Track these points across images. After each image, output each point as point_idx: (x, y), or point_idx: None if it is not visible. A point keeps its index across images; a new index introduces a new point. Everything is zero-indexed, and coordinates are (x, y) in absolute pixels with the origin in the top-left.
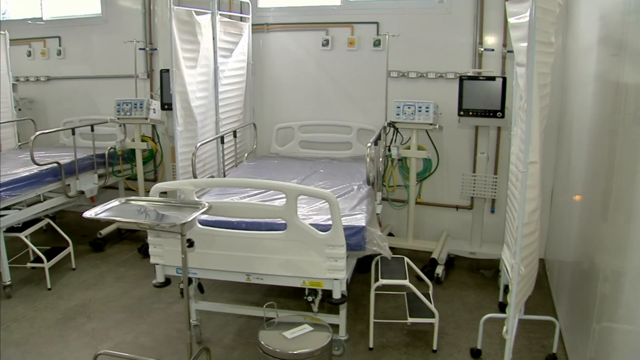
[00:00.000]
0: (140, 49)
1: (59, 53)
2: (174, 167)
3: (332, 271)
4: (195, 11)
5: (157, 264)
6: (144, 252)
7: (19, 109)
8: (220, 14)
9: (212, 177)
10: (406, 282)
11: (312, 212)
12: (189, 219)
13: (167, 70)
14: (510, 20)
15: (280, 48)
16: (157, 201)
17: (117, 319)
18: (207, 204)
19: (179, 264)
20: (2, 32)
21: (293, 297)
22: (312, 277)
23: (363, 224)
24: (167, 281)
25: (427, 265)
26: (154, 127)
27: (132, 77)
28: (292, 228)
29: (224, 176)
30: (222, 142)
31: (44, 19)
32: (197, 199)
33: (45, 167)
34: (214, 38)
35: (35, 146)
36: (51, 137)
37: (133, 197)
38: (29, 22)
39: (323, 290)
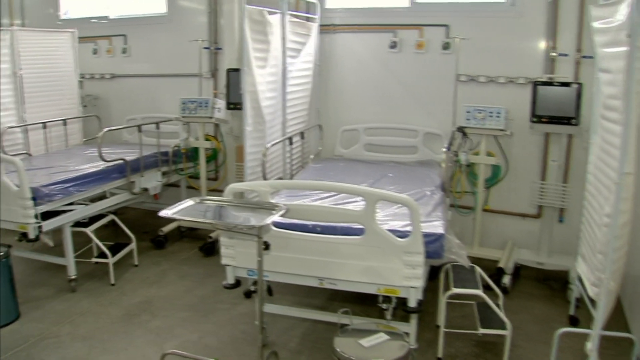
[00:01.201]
0: (204, 48)
1: (124, 51)
2: (238, 167)
3: (409, 279)
4: (267, 11)
5: (228, 265)
6: (206, 250)
7: (84, 106)
8: (289, 14)
9: (280, 178)
10: (480, 292)
11: (387, 218)
12: (268, 222)
13: (235, 70)
14: (595, 24)
15: (347, 49)
16: (231, 202)
17: (182, 317)
18: (284, 207)
19: (251, 266)
20: (71, 30)
21: (358, 302)
22: (388, 285)
23: (441, 231)
24: (238, 283)
25: (494, 274)
26: (216, 126)
27: (195, 76)
28: (370, 233)
29: (291, 178)
30: (291, 143)
31: (110, 17)
32: (272, 201)
33: (112, 164)
34: (283, 38)
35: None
36: (114, 134)
37: (207, 197)
38: (94, 20)
39: (397, 298)
